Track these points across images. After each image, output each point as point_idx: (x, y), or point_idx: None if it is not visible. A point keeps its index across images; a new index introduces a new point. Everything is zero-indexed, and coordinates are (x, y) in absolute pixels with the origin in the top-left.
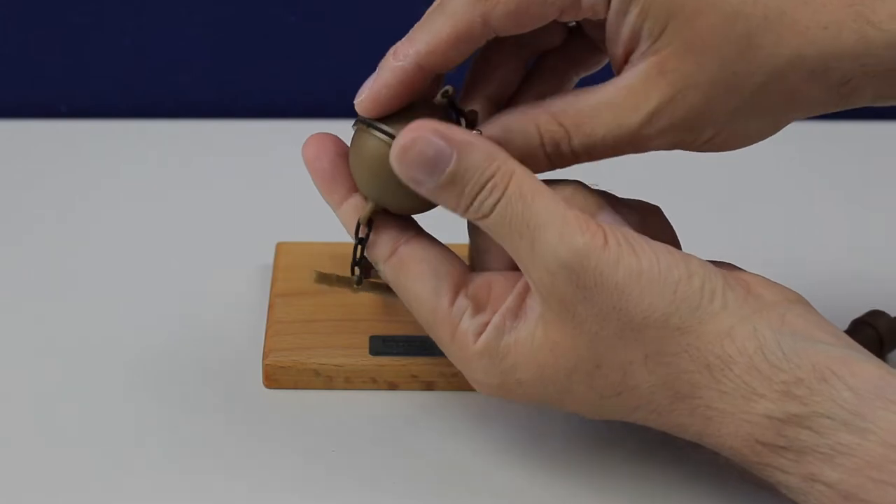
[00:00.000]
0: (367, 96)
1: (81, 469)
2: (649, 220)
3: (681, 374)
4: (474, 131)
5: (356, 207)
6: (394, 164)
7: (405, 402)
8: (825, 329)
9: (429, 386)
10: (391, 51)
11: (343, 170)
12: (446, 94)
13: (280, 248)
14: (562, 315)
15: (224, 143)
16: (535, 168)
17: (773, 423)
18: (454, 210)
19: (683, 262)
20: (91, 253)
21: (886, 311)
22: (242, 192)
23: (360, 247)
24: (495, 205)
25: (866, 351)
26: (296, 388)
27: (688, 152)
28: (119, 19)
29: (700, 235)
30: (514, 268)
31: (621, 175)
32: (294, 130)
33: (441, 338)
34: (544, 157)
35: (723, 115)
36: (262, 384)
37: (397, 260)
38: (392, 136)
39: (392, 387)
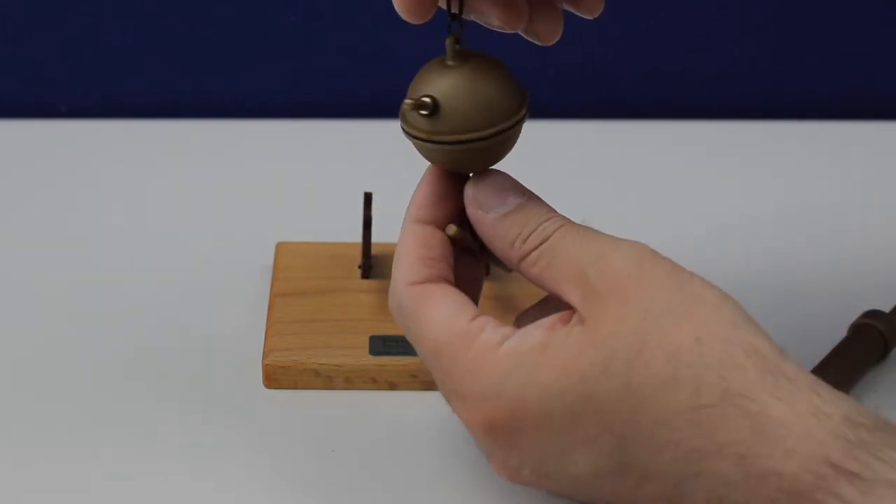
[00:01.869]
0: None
1: (81, 469)
2: None
3: (735, 369)
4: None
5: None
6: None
7: (405, 402)
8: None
9: (429, 386)
10: None
11: (444, 197)
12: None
13: (280, 248)
14: (607, 299)
15: (224, 143)
16: None
17: (846, 444)
18: (511, 242)
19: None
20: (91, 253)
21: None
22: (242, 192)
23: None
24: (557, 229)
25: None
26: (296, 388)
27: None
28: (119, 19)
29: (698, 237)
30: None
31: (622, 186)
32: (294, 130)
33: (454, 353)
34: None
35: None
36: (262, 384)
37: (422, 289)
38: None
39: (392, 387)
